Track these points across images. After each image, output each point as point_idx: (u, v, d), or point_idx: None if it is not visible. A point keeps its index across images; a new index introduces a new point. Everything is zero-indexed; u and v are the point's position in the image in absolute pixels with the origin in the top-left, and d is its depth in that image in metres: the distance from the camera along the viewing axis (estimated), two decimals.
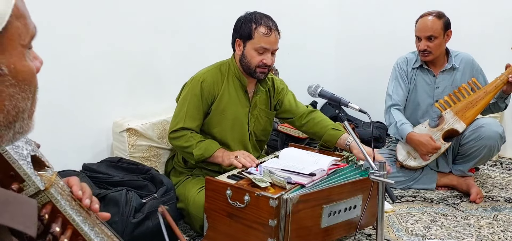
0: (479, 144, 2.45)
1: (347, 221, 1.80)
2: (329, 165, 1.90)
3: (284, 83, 2.36)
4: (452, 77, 2.61)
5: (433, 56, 2.54)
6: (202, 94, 2.07)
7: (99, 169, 2.05)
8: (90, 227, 0.75)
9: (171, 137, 2.10)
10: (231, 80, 2.13)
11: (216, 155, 2.01)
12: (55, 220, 0.72)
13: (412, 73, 2.67)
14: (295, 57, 3.57)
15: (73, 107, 2.18)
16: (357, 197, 1.81)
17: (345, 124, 1.70)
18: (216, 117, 2.12)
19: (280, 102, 2.30)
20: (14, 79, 0.55)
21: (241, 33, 2.07)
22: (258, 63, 2.05)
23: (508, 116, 3.26)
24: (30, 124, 0.62)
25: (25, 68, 0.57)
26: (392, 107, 2.67)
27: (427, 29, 2.50)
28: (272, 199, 1.58)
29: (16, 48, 0.55)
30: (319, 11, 3.85)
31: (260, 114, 2.23)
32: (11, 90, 0.55)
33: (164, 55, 2.64)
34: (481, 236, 2.08)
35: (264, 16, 2.08)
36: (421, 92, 2.66)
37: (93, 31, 2.25)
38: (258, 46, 2.03)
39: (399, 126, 2.59)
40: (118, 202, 1.77)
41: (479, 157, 2.50)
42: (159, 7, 2.57)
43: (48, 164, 0.77)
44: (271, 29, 2.04)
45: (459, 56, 2.62)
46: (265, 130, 2.31)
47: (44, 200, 0.71)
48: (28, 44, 0.58)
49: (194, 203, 1.99)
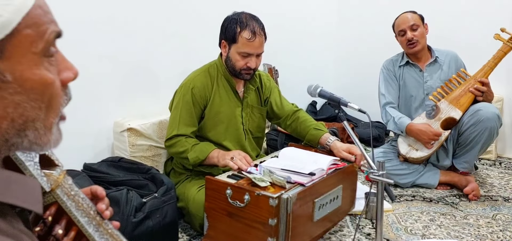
0: (479, 128, 2.46)
1: (332, 212, 1.88)
2: (329, 164, 1.91)
3: (270, 77, 2.38)
4: (439, 70, 2.71)
5: (420, 45, 2.66)
6: (193, 100, 2.08)
7: (100, 169, 2.05)
8: (95, 229, 0.76)
9: (167, 145, 2.12)
10: (220, 82, 2.14)
11: (212, 156, 2.00)
12: (59, 221, 0.72)
13: (399, 71, 2.78)
14: (295, 57, 3.58)
15: (74, 107, 2.17)
16: (338, 187, 1.90)
17: (345, 124, 1.71)
18: (211, 120, 2.13)
19: (267, 101, 2.31)
20: (20, 87, 0.53)
21: (226, 35, 2.07)
22: (242, 66, 2.05)
23: (508, 117, 3.27)
24: (49, 136, 0.59)
25: (35, 76, 0.55)
26: (387, 105, 2.75)
27: (409, 20, 2.65)
28: (272, 199, 1.58)
29: (25, 56, 0.54)
30: (318, 11, 3.86)
31: (252, 112, 2.24)
32: (16, 97, 0.53)
33: (164, 55, 2.65)
34: (480, 236, 2.09)
35: (250, 18, 2.06)
36: (411, 87, 2.75)
37: (94, 32, 2.25)
38: (241, 50, 2.03)
39: (398, 120, 2.66)
40: (118, 202, 1.77)
41: (481, 142, 2.50)
42: (159, 7, 2.57)
43: (58, 163, 0.77)
44: (255, 34, 2.01)
45: (443, 51, 2.75)
46: (260, 126, 2.31)
47: (50, 201, 0.72)
48: (43, 52, 0.56)
49: (194, 202, 1.99)
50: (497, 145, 3.25)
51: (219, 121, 2.13)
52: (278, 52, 3.16)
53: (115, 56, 2.38)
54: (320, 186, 1.78)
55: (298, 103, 2.47)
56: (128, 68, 2.47)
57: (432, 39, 2.77)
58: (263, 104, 2.30)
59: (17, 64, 0.53)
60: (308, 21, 3.73)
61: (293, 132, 2.36)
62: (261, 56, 2.11)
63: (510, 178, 2.85)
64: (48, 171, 0.73)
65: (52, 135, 0.59)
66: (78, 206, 0.75)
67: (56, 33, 0.58)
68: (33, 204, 0.59)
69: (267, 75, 2.38)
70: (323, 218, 1.83)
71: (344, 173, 1.95)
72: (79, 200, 0.76)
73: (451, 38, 3.18)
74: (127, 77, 2.47)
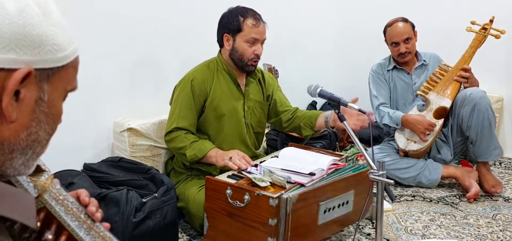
0: (481, 110, 2.47)
1: (340, 217, 1.84)
2: (329, 164, 1.91)
3: (272, 76, 2.39)
4: (425, 72, 2.82)
5: (411, 55, 2.77)
6: (193, 92, 2.08)
7: (100, 169, 2.05)
8: (86, 232, 0.74)
9: (166, 139, 2.11)
10: (221, 76, 2.14)
11: (210, 155, 1.99)
12: (49, 226, 0.71)
13: (388, 75, 2.87)
14: (295, 57, 3.58)
15: (74, 107, 2.17)
16: (349, 193, 1.84)
17: (345, 124, 1.71)
18: (211, 114, 2.12)
19: (271, 98, 2.32)
20: (48, 108, 0.63)
21: (229, 27, 2.08)
22: (250, 55, 2.07)
23: (508, 117, 3.27)
24: (34, 163, 0.67)
25: (58, 106, 0.66)
26: (380, 105, 2.83)
27: (403, 33, 2.71)
28: (272, 199, 1.58)
29: (60, 87, 0.65)
30: (318, 11, 3.86)
31: (254, 106, 2.24)
32: (41, 116, 0.62)
33: (164, 55, 2.65)
34: (480, 236, 2.09)
35: (248, 8, 2.11)
36: (400, 90, 2.85)
37: (94, 32, 2.25)
38: (249, 37, 2.05)
39: (392, 114, 2.73)
40: (118, 202, 1.77)
41: (490, 120, 2.49)
42: (159, 7, 2.57)
43: (45, 168, 0.76)
44: (259, 20, 2.08)
45: (427, 54, 2.87)
46: (261, 122, 2.31)
47: (38, 206, 0.70)
48: (69, 92, 0.68)
49: (194, 202, 1.99)
50: None
51: (220, 114, 2.13)
52: (278, 52, 3.16)
53: (115, 56, 2.38)
54: (327, 190, 1.74)
55: (298, 103, 2.47)
56: (128, 68, 2.47)
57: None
58: (265, 99, 2.30)
59: (54, 90, 0.63)
60: (308, 21, 3.73)
61: (291, 127, 2.36)
62: (263, 46, 2.13)
63: (510, 178, 2.85)
64: (34, 177, 0.72)
65: (35, 163, 0.68)
66: (67, 210, 0.74)
67: (77, 84, 0.71)
68: (27, 218, 0.59)
69: (269, 74, 2.39)
70: (330, 222, 1.78)
71: (357, 178, 1.85)
72: (68, 204, 0.74)
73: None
74: (127, 77, 2.47)
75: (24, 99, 0.59)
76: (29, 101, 0.59)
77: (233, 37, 2.08)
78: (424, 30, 2.96)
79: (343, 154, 2.14)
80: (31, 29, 0.58)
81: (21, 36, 0.57)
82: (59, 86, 0.64)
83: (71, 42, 0.65)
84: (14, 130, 0.59)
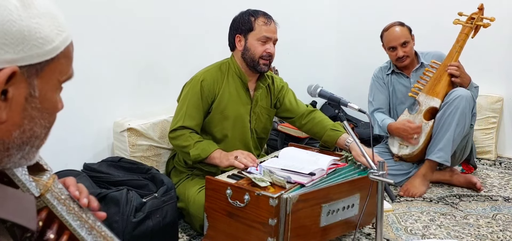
0: (450, 108, 2.47)
1: (345, 220, 1.81)
2: (329, 164, 1.91)
3: (284, 81, 2.37)
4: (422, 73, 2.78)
5: (409, 59, 2.74)
6: (202, 93, 2.08)
7: (100, 169, 2.05)
8: (88, 232, 0.74)
9: (170, 136, 2.11)
10: (231, 79, 2.14)
11: (213, 156, 1.99)
12: (51, 226, 0.71)
13: (388, 79, 2.87)
14: (295, 57, 3.57)
15: (74, 107, 2.18)
16: (355, 196, 1.82)
17: (344, 124, 1.71)
18: (217, 116, 2.12)
19: (280, 101, 2.31)
20: (40, 104, 0.61)
21: (240, 28, 2.10)
22: (261, 53, 2.07)
23: (508, 117, 3.27)
24: (36, 154, 0.66)
25: (53, 99, 0.63)
26: (375, 111, 2.85)
27: (400, 37, 2.68)
28: (272, 199, 1.58)
29: (53, 80, 0.62)
30: (319, 11, 3.86)
31: (261, 112, 2.24)
32: (34, 112, 0.60)
33: (165, 55, 2.65)
34: (480, 236, 2.09)
35: (259, 10, 2.14)
36: (399, 93, 2.84)
37: (94, 32, 2.25)
38: (260, 35, 2.07)
39: (381, 123, 2.75)
40: (118, 202, 1.77)
41: (454, 124, 2.45)
42: (160, 7, 2.57)
43: (47, 167, 0.76)
44: (270, 19, 2.11)
45: (430, 53, 2.81)
46: (266, 128, 2.31)
47: (40, 206, 0.71)
48: (63, 82, 0.65)
49: (194, 203, 1.99)
50: (497, 145, 3.25)
51: (225, 117, 2.13)
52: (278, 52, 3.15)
53: (115, 56, 2.38)
54: (330, 192, 1.73)
55: None
56: (128, 68, 2.47)
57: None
58: (272, 106, 2.29)
59: (45, 84, 0.61)
60: (308, 21, 3.73)
61: (309, 132, 2.32)
62: (275, 46, 2.14)
63: (510, 178, 2.85)
64: (37, 177, 0.72)
65: (37, 154, 0.67)
66: (69, 210, 0.74)
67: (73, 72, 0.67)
68: (27, 220, 0.59)
69: (281, 79, 2.38)
70: (334, 224, 1.77)
71: (364, 182, 1.82)
72: (70, 204, 0.74)
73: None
74: (127, 77, 2.47)
75: (13, 98, 0.57)
76: (19, 99, 0.57)
77: (245, 37, 2.09)
78: (425, 30, 2.97)
79: (343, 154, 2.14)
80: (10, 25, 0.54)
81: (1, 34, 0.54)
82: (51, 79, 0.61)
83: (61, 31, 0.61)
84: (6, 130, 0.58)
